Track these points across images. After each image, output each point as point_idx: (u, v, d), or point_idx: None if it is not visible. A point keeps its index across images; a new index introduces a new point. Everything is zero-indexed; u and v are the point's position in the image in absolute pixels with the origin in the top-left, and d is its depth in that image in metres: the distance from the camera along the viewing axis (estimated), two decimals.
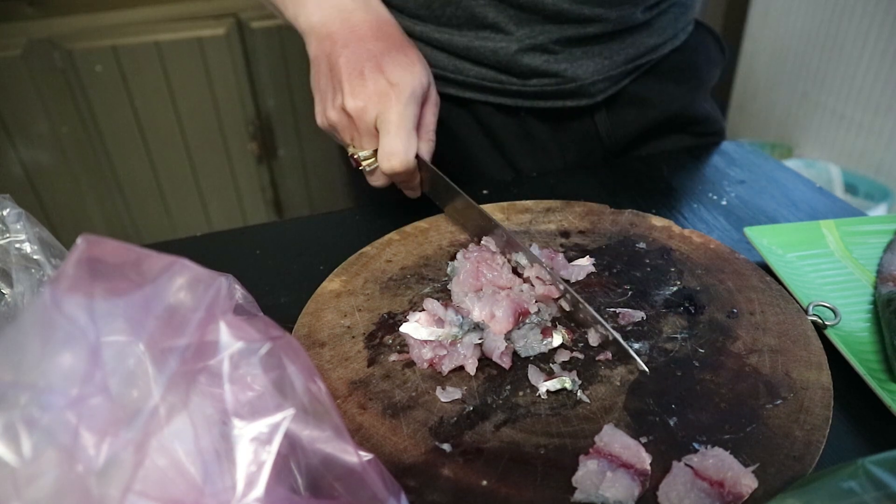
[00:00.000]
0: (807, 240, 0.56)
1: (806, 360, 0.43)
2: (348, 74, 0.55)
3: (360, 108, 0.54)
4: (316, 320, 0.49)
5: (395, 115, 0.54)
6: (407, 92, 0.54)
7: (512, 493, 0.35)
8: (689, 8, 0.77)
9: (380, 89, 0.54)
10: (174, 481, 0.24)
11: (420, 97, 0.55)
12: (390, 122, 0.54)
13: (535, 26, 0.68)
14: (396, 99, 0.54)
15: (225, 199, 1.85)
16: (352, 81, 0.55)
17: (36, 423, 0.22)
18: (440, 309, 0.46)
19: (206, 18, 1.60)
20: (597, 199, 0.64)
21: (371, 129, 0.55)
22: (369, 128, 0.55)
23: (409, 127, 0.54)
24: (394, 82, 0.54)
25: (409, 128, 0.54)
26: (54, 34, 1.53)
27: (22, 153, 1.63)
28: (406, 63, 0.55)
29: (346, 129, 0.57)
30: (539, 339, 0.45)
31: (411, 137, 0.54)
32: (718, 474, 0.34)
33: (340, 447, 0.28)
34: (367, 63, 0.55)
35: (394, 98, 0.54)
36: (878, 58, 1.75)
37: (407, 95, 0.54)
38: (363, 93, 0.54)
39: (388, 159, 0.54)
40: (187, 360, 0.26)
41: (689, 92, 0.79)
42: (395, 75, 0.54)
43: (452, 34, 0.69)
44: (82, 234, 0.26)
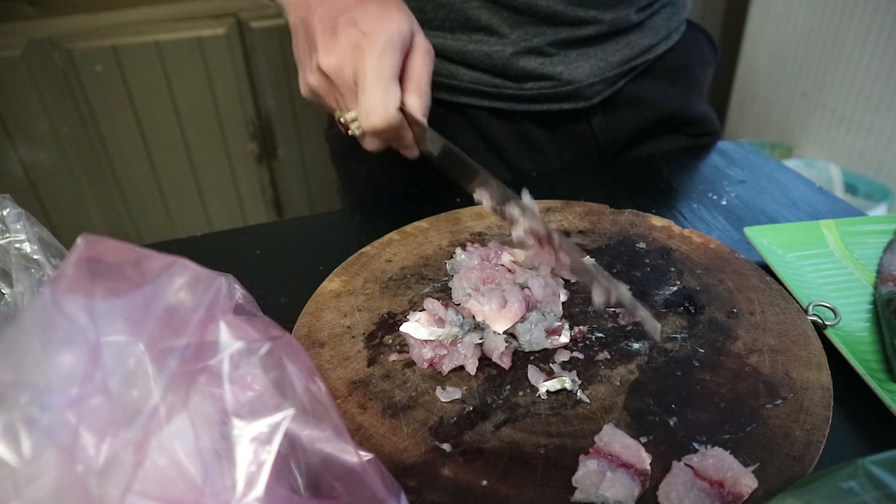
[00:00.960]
0: (807, 240, 0.56)
1: (806, 360, 0.43)
2: (322, 33, 0.51)
3: (334, 64, 0.51)
4: (316, 320, 0.49)
5: (370, 68, 0.49)
6: (381, 41, 0.49)
7: (512, 492, 0.35)
8: (680, 8, 0.77)
9: (353, 42, 0.50)
10: (174, 481, 0.24)
11: (399, 45, 0.51)
12: (365, 75, 0.49)
13: (530, 28, 0.67)
14: (370, 49, 0.49)
15: (225, 199, 1.85)
16: (325, 39, 0.51)
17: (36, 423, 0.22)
18: (440, 309, 0.46)
19: (206, 18, 1.60)
20: (597, 199, 0.64)
21: (351, 86, 0.51)
22: (349, 85, 0.51)
23: (387, 78, 0.50)
24: (366, 32, 0.50)
25: (386, 79, 0.49)
26: (54, 34, 1.53)
27: (22, 153, 1.63)
28: (380, 12, 0.51)
29: (327, 93, 0.53)
30: (543, 333, 0.45)
31: (389, 89, 0.50)
32: (718, 474, 0.34)
33: (340, 447, 0.28)
34: (339, 17, 0.51)
35: (366, 49, 0.49)
36: (878, 58, 1.75)
37: (381, 44, 0.49)
38: (336, 48, 0.50)
39: (366, 116, 0.50)
40: (187, 360, 0.26)
41: (683, 92, 0.79)
42: (368, 25, 0.50)
43: (446, 38, 0.69)
44: (82, 234, 0.26)
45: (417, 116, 0.52)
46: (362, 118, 0.51)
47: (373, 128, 0.51)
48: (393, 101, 0.50)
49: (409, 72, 0.52)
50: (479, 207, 0.63)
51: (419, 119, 0.52)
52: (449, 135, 0.75)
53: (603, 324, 0.48)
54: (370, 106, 0.50)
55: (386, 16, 0.51)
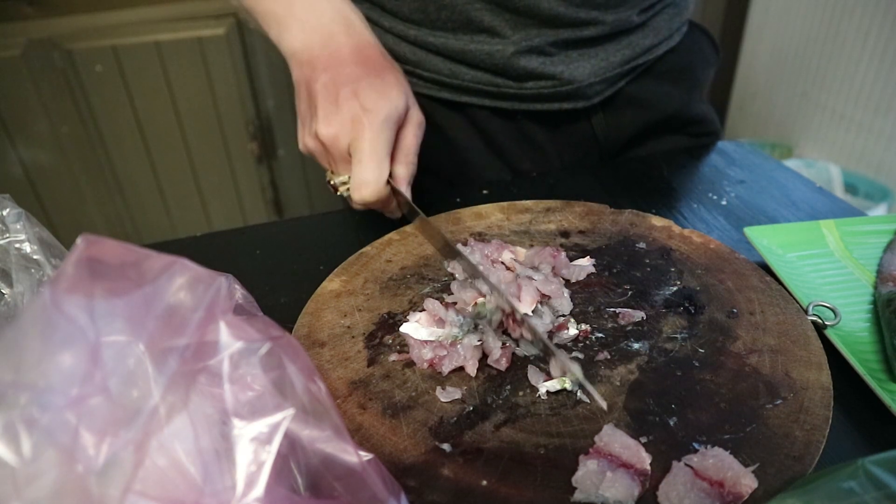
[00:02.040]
0: (807, 240, 0.56)
1: (806, 360, 0.43)
2: (323, 100, 0.54)
3: (332, 135, 0.54)
4: (316, 320, 0.49)
5: (367, 144, 0.52)
6: (380, 118, 0.53)
7: (512, 492, 0.35)
8: (682, 9, 0.77)
9: (353, 116, 0.53)
10: (174, 481, 0.24)
11: (395, 121, 0.54)
12: (362, 150, 0.53)
13: (531, 30, 0.67)
14: (369, 126, 0.52)
15: (225, 199, 1.85)
16: (326, 108, 0.54)
17: (36, 423, 0.22)
18: (441, 309, 0.46)
19: (206, 18, 1.60)
20: (597, 199, 0.64)
21: (345, 155, 0.55)
22: (343, 155, 0.55)
23: (381, 155, 0.53)
24: (367, 108, 0.53)
25: (380, 156, 0.53)
26: (54, 34, 1.53)
27: (22, 153, 1.63)
28: (382, 87, 0.54)
29: (321, 156, 0.57)
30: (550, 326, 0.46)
31: (382, 165, 0.53)
32: (718, 474, 0.34)
33: (340, 447, 0.28)
34: (342, 89, 0.54)
35: (366, 125, 0.52)
36: (878, 58, 1.75)
37: (380, 121, 0.52)
38: (336, 120, 0.53)
39: (358, 189, 0.53)
40: (187, 360, 0.26)
41: (684, 92, 0.79)
42: (369, 101, 0.53)
43: (447, 38, 0.69)
44: (82, 234, 0.26)
45: (402, 188, 0.56)
46: (354, 190, 0.54)
47: (363, 200, 0.54)
48: (384, 176, 0.53)
49: (400, 143, 0.56)
50: (479, 207, 0.63)
51: (403, 191, 0.56)
52: (450, 134, 0.75)
53: (603, 324, 0.48)
54: (363, 180, 0.53)
55: (387, 92, 0.54)
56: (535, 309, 0.46)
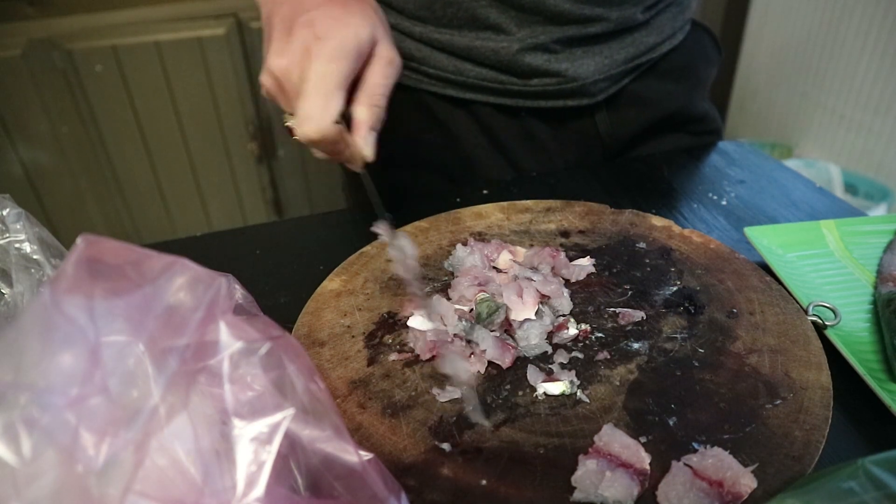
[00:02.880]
0: (807, 240, 0.56)
1: (806, 360, 0.43)
2: (278, 32, 0.49)
3: (283, 67, 0.48)
4: (316, 320, 0.49)
5: (314, 73, 0.46)
6: (331, 45, 0.46)
7: (511, 492, 0.35)
8: (685, 7, 0.77)
9: (305, 45, 0.47)
10: (174, 481, 0.24)
11: (353, 52, 0.47)
12: (307, 80, 0.46)
13: (537, 27, 0.68)
14: (317, 54, 0.46)
15: (225, 199, 1.85)
16: (280, 40, 0.48)
17: (36, 423, 0.22)
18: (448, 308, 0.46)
19: (206, 18, 1.60)
20: (597, 199, 0.64)
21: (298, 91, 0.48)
22: (296, 90, 0.48)
23: (330, 87, 0.46)
24: (320, 35, 0.47)
25: (329, 87, 0.46)
26: (54, 34, 1.53)
27: (22, 153, 1.63)
28: (341, 15, 0.48)
29: (277, 95, 0.50)
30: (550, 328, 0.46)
31: (331, 98, 0.46)
32: (718, 474, 0.34)
33: (340, 447, 0.28)
34: (298, 18, 0.48)
35: (315, 53, 0.46)
36: (878, 58, 1.75)
37: (330, 49, 0.46)
38: (287, 50, 0.48)
39: (300, 123, 0.47)
40: (187, 360, 0.26)
41: (687, 91, 0.79)
42: (324, 28, 0.47)
43: (453, 35, 0.69)
44: (82, 234, 0.26)
45: (360, 132, 0.49)
46: (297, 126, 0.47)
47: (306, 137, 0.47)
48: (331, 111, 0.46)
49: (363, 81, 0.49)
50: (479, 207, 0.63)
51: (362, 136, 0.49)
52: (454, 131, 0.75)
53: (603, 324, 0.48)
54: (306, 114, 0.46)
55: (345, 20, 0.48)
56: (537, 311, 0.46)
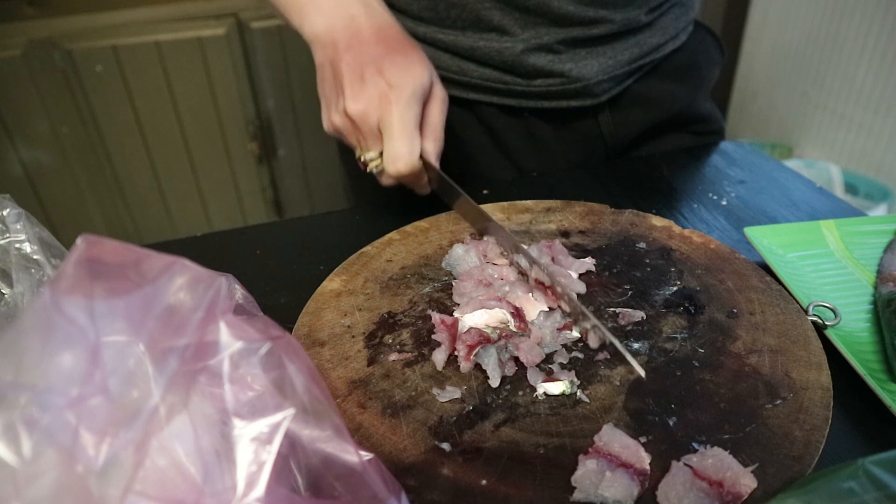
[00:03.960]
0: (807, 240, 0.56)
1: (806, 360, 0.43)
2: (350, 79, 0.55)
3: (361, 111, 0.55)
4: (316, 320, 0.49)
5: (397, 118, 0.54)
6: (406, 93, 0.54)
7: (511, 492, 0.35)
8: (689, 8, 0.77)
9: (380, 92, 0.54)
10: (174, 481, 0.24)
11: (421, 97, 0.56)
12: (392, 125, 0.54)
13: (540, 28, 0.68)
14: (396, 101, 0.54)
15: (225, 199, 1.85)
16: (353, 86, 0.55)
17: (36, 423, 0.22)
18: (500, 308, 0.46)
19: (206, 18, 1.60)
20: (597, 199, 0.64)
21: (374, 131, 0.56)
22: (373, 130, 0.56)
23: (411, 128, 0.55)
24: (393, 84, 0.54)
25: (410, 129, 0.55)
26: (54, 34, 1.53)
27: (22, 153, 1.63)
28: (406, 64, 0.55)
29: (350, 133, 0.58)
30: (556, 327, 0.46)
31: (414, 139, 0.55)
32: (718, 474, 0.34)
33: (341, 447, 0.28)
34: (367, 67, 0.55)
35: (393, 100, 0.54)
36: (878, 58, 1.75)
37: (407, 96, 0.54)
38: (363, 96, 0.55)
39: (392, 163, 0.55)
40: (187, 360, 0.26)
41: (690, 91, 0.79)
42: (395, 77, 0.54)
43: (457, 35, 0.70)
44: (82, 234, 0.26)
45: (432, 161, 0.57)
46: (388, 164, 0.55)
47: (398, 173, 0.55)
48: (416, 149, 0.55)
49: (426, 119, 0.57)
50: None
51: (434, 164, 0.57)
52: (457, 131, 0.75)
53: (603, 324, 0.48)
54: (396, 154, 0.54)
55: (411, 68, 0.55)
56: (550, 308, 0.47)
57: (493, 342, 0.44)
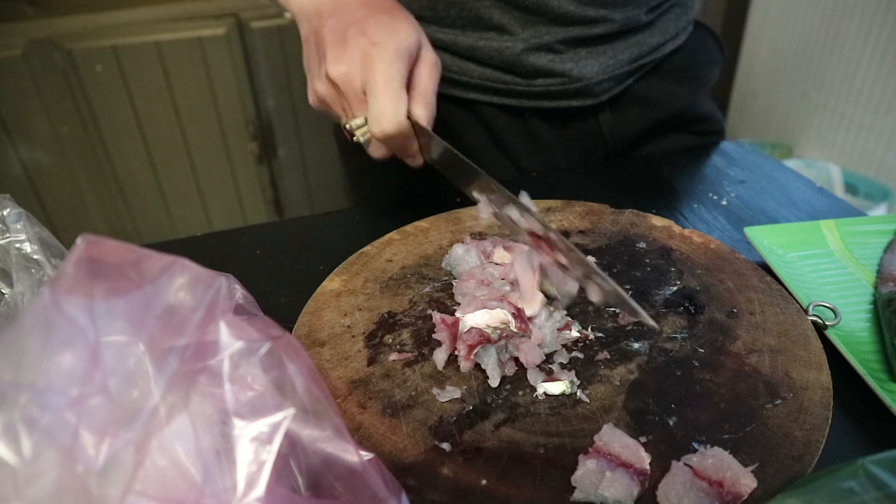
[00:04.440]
0: (807, 240, 0.56)
1: (806, 360, 0.43)
2: (331, 42, 0.53)
3: (343, 73, 0.52)
4: (316, 319, 0.49)
5: (380, 75, 0.51)
6: (390, 49, 0.51)
7: (511, 492, 0.35)
8: (688, 8, 0.77)
9: (362, 51, 0.51)
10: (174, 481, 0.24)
11: (406, 55, 0.52)
12: (375, 82, 0.51)
13: (541, 28, 0.68)
14: (379, 58, 0.51)
15: (225, 199, 1.85)
16: (335, 48, 0.52)
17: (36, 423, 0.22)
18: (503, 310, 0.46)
19: (206, 18, 1.60)
20: (597, 199, 0.64)
21: (359, 94, 0.53)
22: (357, 93, 0.53)
23: (396, 85, 0.51)
24: (376, 41, 0.51)
25: (395, 86, 0.51)
26: (54, 34, 1.53)
27: (22, 153, 1.63)
28: (389, 22, 0.53)
29: (335, 101, 0.55)
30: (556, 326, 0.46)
31: (399, 96, 0.51)
32: (718, 474, 0.34)
33: (341, 447, 0.28)
34: (350, 28, 0.52)
35: (376, 57, 0.51)
36: (878, 58, 1.75)
37: (390, 53, 0.51)
38: (345, 57, 0.52)
39: (377, 122, 0.51)
40: (187, 360, 0.26)
41: (691, 91, 0.79)
42: (378, 35, 0.52)
43: (457, 35, 0.69)
44: (82, 234, 0.26)
45: (423, 125, 0.53)
46: (373, 124, 0.52)
47: (384, 133, 0.52)
48: (403, 107, 0.51)
49: (414, 82, 0.54)
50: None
51: (425, 127, 0.53)
52: (457, 131, 0.75)
53: (603, 324, 0.48)
54: (381, 111, 0.51)
55: (395, 27, 0.52)
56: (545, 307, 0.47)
57: (494, 342, 0.44)
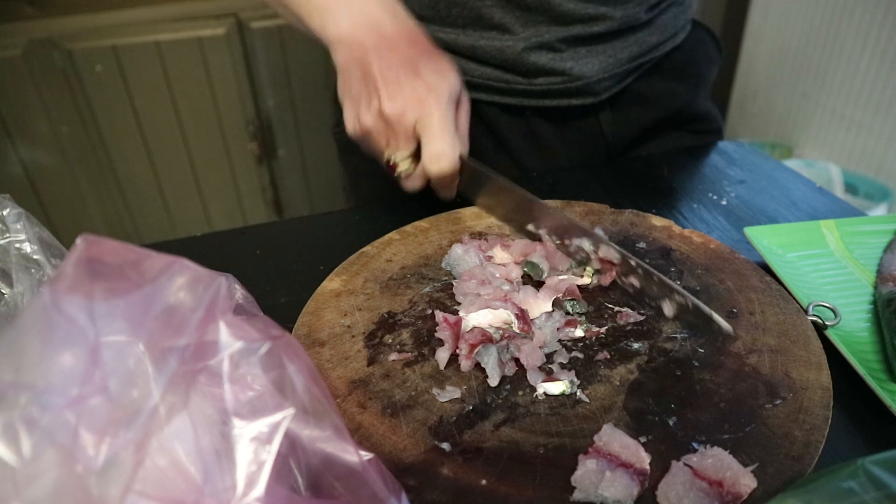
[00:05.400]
0: (807, 240, 0.56)
1: (806, 360, 0.43)
2: (384, 79, 0.55)
3: (398, 111, 0.55)
4: (316, 319, 0.49)
5: (437, 119, 0.54)
6: (445, 95, 0.55)
7: (511, 492, 0.35)
8: (687, 7, 0.78)
9: (418, 93, 0.54)
10: (174, 481, 0.24)
11: (455, 101, 0.56)
12: (433, 125, 0.54)
13: (541, 26, 0.68)
14: (437, 103, 0.54)
15: (225, 199, 1.85)
16: (388, 86, 0.55)
17: (36, 423, 0.22)
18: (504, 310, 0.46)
19: (206, 18, 1.60)
20: (597, 199, 0.64)
21: (409, 132, 0.56)
22: (407, 131, 0.56)
23: (452, 129, 0.55)
24: (431, 86, 0.55)
25: (451, 130, 0.55)
26: (54, 34, 1.53)
27: (22, 153, 1.63)
28: (440, 68, 0.56)
29: (381, 134, 0.57)
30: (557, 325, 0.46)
31: (455, 139, 0.55)
32: (717, 474, 0.34)
33: (341, 447, 0.28)
34: (402, 68, 0.55)
35: (433, 102, 0.54)
36: (878, 58, 1.75)
37: (445, 99, 0.55)
38: (401, 97, 0.54)
39: (436, 162, 0.55)
40: (187, 360, 0.26)
41: (690, 90, 0.79)
42: (432, 79, 0.55)
43: (458, 34, 0.70)
44: (82, 234, 0.26)
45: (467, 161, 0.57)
46: (431, 163, 0.56)
47: (441, 172, 0.56)
48: (457, 148, 0.56)
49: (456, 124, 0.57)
50: (479, 207, 0.63)
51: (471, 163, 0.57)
52: None
53: (603, 324, 0.48)
54: (440, 153, 0.55)
55: (446, 72, 0.56)
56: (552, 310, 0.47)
57: (496, 342, 0.44)
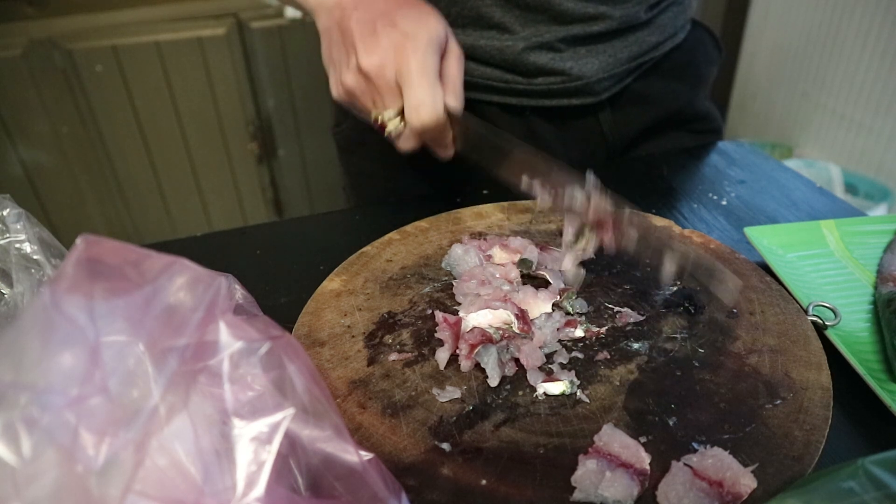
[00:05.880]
0: (807, 240, 0.56)
1: (806, 360, 0.43)
2: (360, 34, 0.53)
3: (376, 64, 0.52)
4: (316, 320, 0.49)
5: (415, 65, 0.51)
6: (422, 41, 0.51)
7: (511, 492, 0.35)
8: (686, 7, 0.78)
9: (395, 42, 0.51)
10: (174, 481, 0.24)
11: (438, 47, 0.53)
12: (411, 72, 0.51)
13: (541, 26, 0.68)
14: (413, 49, 0.51)
15: (225, 199, 1.85)
16: (365, 40, 0.52)
17: (36, 423, 0.22)
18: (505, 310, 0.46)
19: (206, 18, 1.60)
20: None
21: (392, 85, 0.53)
22: (390, 85, 0.53)
23: (432, 75, 0.52)
24: (408, 33, 0.51)
25: (431, 76, 0.52)
26: (54, 34, 1.53)
27: (22, 153, 1.63)
28: (418, 15, 0.53)
29: (365, 93, 0.54)
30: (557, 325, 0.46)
31: (436, 86, 0.52)
32: (717, 474, 0.34)
33: (341, 447, 0.28)
34: (378, 20, 0.53)
35: (410, 48, 0.51)
36: (878, 58, 1.75)
37: (423, 44, 0.51)
38: (378, 48, 0.52)
39: (415, 112, 0.52)
40: (187, 360, 0.26)
41: (689, 89, 0.79)
42: (409, 27, 0.52)
43: (457, 34, 0.69)
44: (82, 234, 0.26)
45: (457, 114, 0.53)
46: (411, 114, 0.52)
47: (422, 123, 0.52)
48: (440, 96, 0.52)
49: (445, 74, 0.54)
50: (479, 207, 0.63)
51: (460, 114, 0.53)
52: None
53: (603, 324, 0.48)
54: (419, 101, 0.51)
55: (424, 19, 0.53)
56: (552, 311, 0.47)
57: (496, 342, 0.44)
